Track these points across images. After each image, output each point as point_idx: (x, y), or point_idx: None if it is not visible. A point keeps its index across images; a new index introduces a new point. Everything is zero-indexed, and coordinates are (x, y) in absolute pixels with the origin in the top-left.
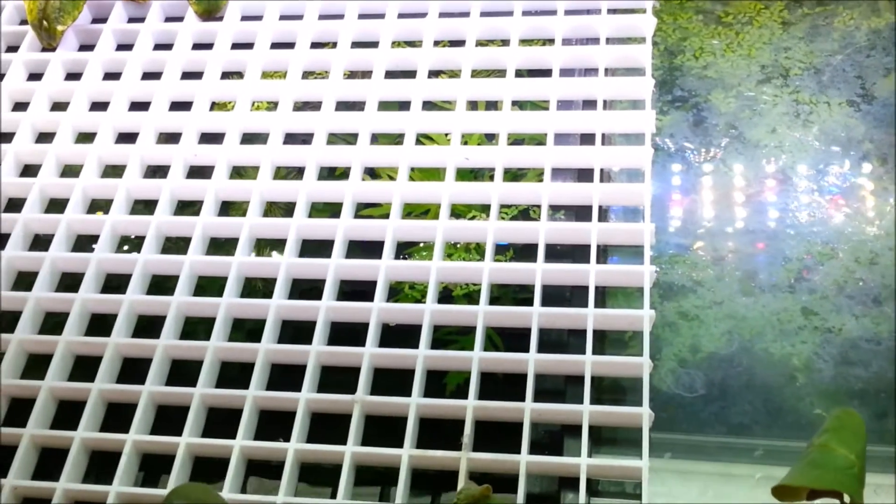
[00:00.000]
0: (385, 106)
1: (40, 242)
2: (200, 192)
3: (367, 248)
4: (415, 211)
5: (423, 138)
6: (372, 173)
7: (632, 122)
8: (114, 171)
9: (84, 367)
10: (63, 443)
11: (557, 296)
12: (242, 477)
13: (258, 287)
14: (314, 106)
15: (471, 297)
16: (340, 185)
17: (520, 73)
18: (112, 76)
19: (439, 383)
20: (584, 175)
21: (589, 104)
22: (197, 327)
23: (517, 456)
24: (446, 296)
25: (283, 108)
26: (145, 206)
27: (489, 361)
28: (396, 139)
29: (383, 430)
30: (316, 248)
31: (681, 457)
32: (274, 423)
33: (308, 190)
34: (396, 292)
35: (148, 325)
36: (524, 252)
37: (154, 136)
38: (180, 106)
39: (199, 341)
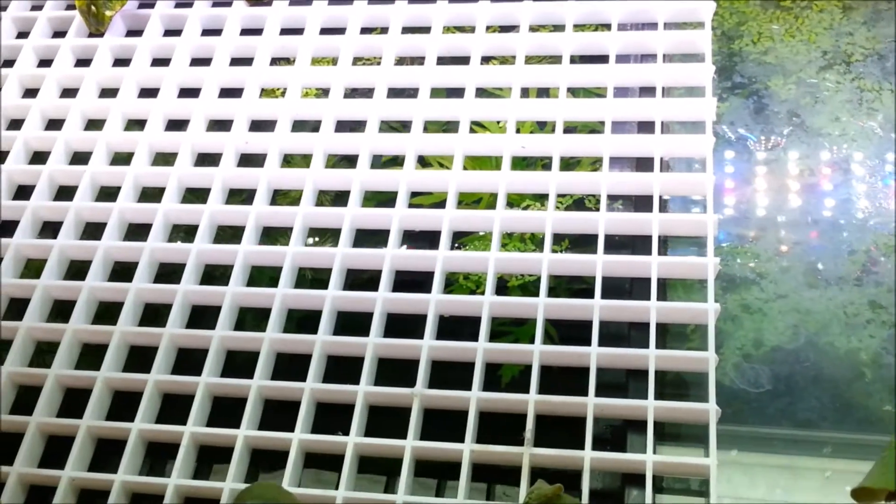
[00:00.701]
0: (434, 93)
1: (89, 232)
2: (253, 181)
3: (413, 238)
4: (465, 200)
5: (474, 125)
6: (421, 161)
7: (691, 109)
8: (164, 158)
9: (137, 358)
10: (120, 434)
11: (616, 287)
12: (300, 470)
13: (307, 276)
14: (364, 93)
15: (526, 287)
16: (395, 174)
17: (573, 60)
18: (161, 62)
19: (493, 375)
20: (640, 164)
21: (645, 91)
22: (245, 316)
23: (581, 452)
24: (501, 286)
25: (335, 95)
26: (194, 194)
27: (549, 355)
28: (444, 126)
29: (434, 421)
30: (364, 237)
31: (747, 450)
32: (328, 415)
33: (362, 178)
34: (449, 283)
35: (200, 315)
36: (579, 242)
37: (204, 124)
38: (230, 93)
39: (256, 332)
